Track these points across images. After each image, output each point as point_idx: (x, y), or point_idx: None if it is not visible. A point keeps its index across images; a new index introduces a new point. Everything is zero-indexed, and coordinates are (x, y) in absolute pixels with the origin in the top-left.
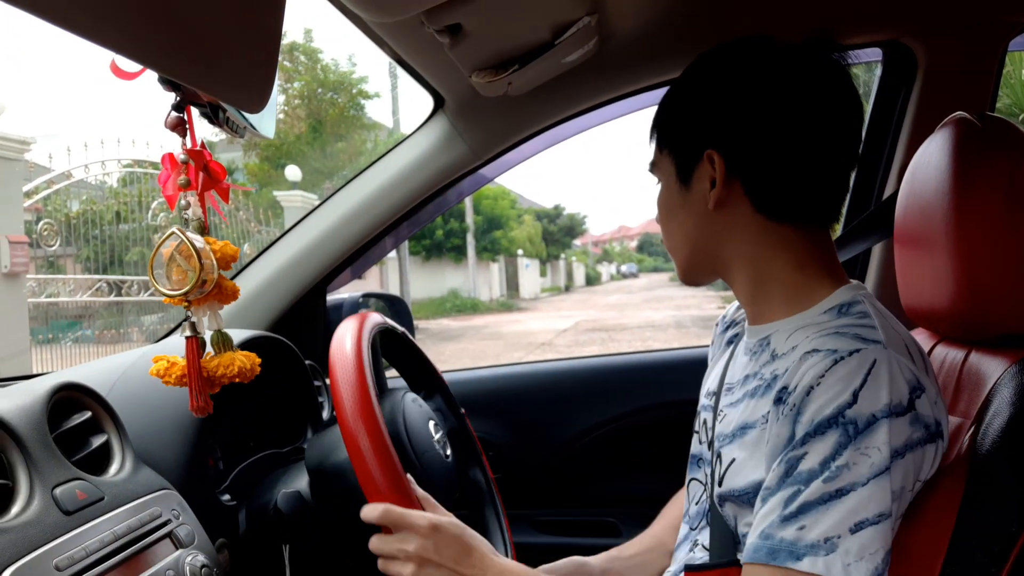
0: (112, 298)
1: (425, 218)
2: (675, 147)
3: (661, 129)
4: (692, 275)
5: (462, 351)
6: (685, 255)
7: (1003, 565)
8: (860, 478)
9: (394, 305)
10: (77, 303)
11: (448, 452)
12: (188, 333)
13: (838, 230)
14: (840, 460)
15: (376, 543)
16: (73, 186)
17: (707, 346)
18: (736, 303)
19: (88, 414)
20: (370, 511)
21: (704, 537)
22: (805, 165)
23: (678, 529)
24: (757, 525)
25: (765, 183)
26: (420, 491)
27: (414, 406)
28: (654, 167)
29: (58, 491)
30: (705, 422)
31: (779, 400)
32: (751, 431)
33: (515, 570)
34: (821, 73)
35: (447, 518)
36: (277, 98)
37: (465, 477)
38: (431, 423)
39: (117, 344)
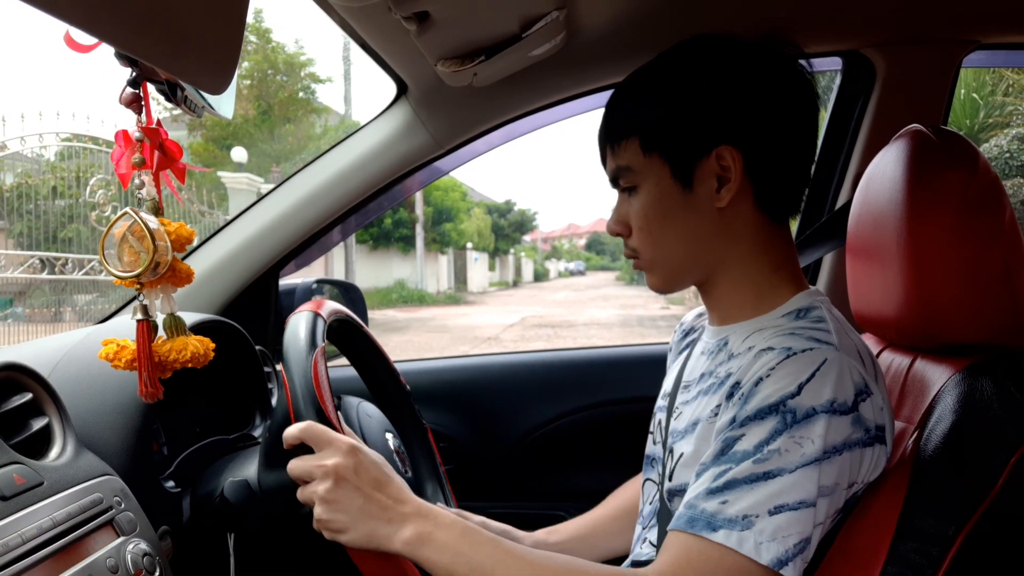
0: (45, 275)
1: (377, 210)
2: (672, 147)
3: (646, 132)
4: (675, 283)
5: (407, 343)
6: (679, 260)
7: (939, 567)
8: (789, 465)
9: (348, 293)
10: (7, 279)
11: (408, 469)
12: (139, 316)
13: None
14: (773, 445)
15: (294, 463)
16: (8, 158)
17: (662, 343)
18: (696, 311)
19: (28, 396)
20: (292, 429)
21: (653, 534)
22: (805, 162)
23: (619, 518)
24: (686, 497)
25: (775, 180)
26: (348, 430)
27: (370, 420)
28: (626, 173)
29: None
30: (660, 422)
31: (730, 395)
32: (700, 425)
33: (434, 509)
34: (797, 70)
35: (369, 449)
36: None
37: (426, 491)
38: (388, 436)
39: (49, 324)
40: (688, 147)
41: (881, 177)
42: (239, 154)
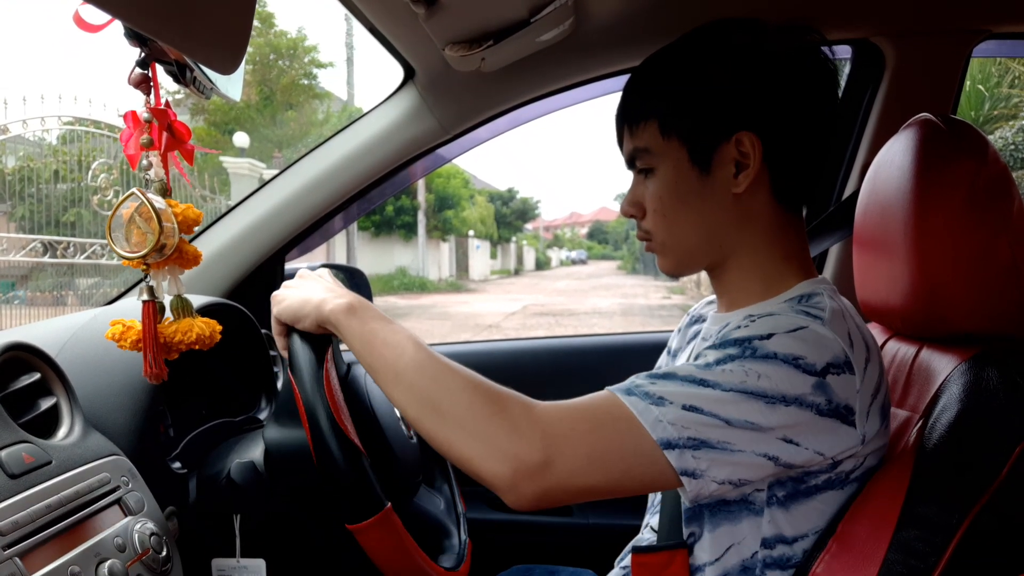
0: (47, 259)
1: (380, 196)
2: (690, 130)
3: (665, 114)
4: (686, 266)
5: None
6: (691, 244)
7: (942, 555)
8: (725, 383)
9: (353, 278)
10: (10, 263)
11: (412, 433)
12: (145, 297)
13: None
14: (722, 365)
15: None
16: (10, 141)
17: (666, 331)
18: (706, 299)
19: (37, 375)
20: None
21: (654, 520)
22: (823, 150)
23: None
24: None
25: (792, 168)
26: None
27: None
28: (643, 155)
29: (3, 454)
30: None
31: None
32: None
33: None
34: (820, 57)
35: None
36: None
37: (429, 459)
38: None
39: (51, 307)
40: (708, 131)
41: (889, 166)
42: (241, 139)
